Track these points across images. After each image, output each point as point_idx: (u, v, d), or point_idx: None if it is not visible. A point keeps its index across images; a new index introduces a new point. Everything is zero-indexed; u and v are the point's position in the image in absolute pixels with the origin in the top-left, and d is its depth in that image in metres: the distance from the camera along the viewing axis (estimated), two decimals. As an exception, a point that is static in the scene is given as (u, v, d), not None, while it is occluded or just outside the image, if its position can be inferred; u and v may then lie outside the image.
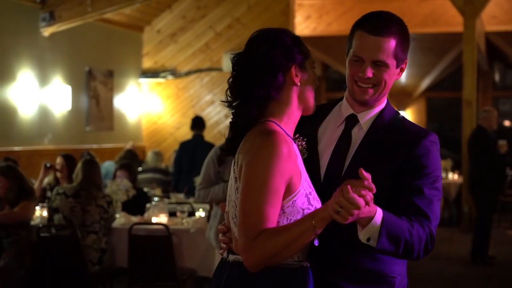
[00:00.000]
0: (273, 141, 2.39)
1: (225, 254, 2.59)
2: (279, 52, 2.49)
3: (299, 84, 2.52)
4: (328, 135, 2.69)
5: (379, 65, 2.56)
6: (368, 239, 2.39)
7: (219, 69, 13.45)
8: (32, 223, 6.83)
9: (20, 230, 6.59)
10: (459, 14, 11.93)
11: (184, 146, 10.08)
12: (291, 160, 2.41)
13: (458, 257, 9.77)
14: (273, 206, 2.38)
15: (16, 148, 10.19)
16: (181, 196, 9.03)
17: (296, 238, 2.35)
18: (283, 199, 2.42)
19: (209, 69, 13.67)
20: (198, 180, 8.86)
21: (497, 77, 19.17)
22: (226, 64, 13.06)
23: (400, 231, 2.41)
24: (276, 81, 2.49)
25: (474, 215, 10.07)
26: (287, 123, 2.54)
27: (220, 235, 2.63)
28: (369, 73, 2.56)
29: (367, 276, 2.57)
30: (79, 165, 6.67)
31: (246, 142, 2.48)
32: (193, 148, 9.92)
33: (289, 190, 2.43)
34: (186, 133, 13.51)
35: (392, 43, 2.55)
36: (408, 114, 19.52)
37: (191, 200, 8.68)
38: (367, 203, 2.26)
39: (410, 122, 2.70)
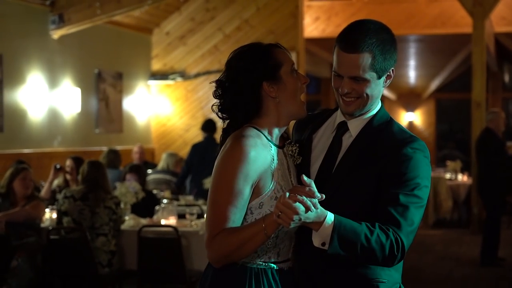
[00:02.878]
0: (240, 145, 2.52)
1: None
2: (242, 77, 2.61)
3: (276, 95, 2.63)
4: (322, 142, 2.76)
5: (358, 80, 2.57)
6: (324, 244, 2.42)
7: (228, 71, 13.43)
8: (42, 225, 6.88)
9: (31, 232, 6.63)
10: (468, 15, 11.89)
11: (196, 148, 10.13)
12: (258, 164, 2.53)
13: (467, 259, 9.75)
14: (235, 206, 2.51)
15: (26, 151, 10.23)
16: (190, 198, 9.04)
17: (249, 239, 2.48)
18: (252, 200, 2.56)
19: (218, 71, 13.64)
20: (207, 181, 8.91)
21: (506, 78, 19.12)
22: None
23: (354, 236, 2.42)
24: (250, 101, 2.62)
25: (484, 216, 10.04)
26: (272, 129, 2.67)
27: None
28: (347, 88, 2.59)
29: (350, 279, 2.60)
30: (85, 167, 6.69)
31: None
32: (204, 149, 9.96)
33: (257, 192, 2.56)
34: (195, 135, 13.52)
35: (367, 58, 2.53)
36: (417, 115, 19.50)
37: (200, 202, 8.69)
38: (307, 208, 2.32)
39: (400, 128, 2.69)
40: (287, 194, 2.33)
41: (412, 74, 18.47)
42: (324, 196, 2.38)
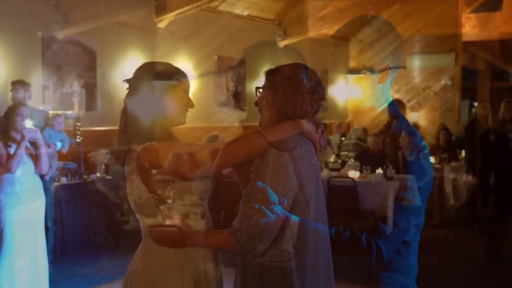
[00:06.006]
0: None
1: None
2: None
3: None
4: None
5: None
6: None
7: (233, 72, 13.46)
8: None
9: None
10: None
11: None
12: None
13: (473, 258, 9.73)
14: None
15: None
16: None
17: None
18: None
19: (222, 72, 13.68)
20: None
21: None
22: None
23: None
24: None
25: (489, 216, 10.04)
26: None
27: None
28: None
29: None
30: None
31: None
32: None
33: None
34: (199, 136, 13.56)
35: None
36: (421, 115, 19.46)
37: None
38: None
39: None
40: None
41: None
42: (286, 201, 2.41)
